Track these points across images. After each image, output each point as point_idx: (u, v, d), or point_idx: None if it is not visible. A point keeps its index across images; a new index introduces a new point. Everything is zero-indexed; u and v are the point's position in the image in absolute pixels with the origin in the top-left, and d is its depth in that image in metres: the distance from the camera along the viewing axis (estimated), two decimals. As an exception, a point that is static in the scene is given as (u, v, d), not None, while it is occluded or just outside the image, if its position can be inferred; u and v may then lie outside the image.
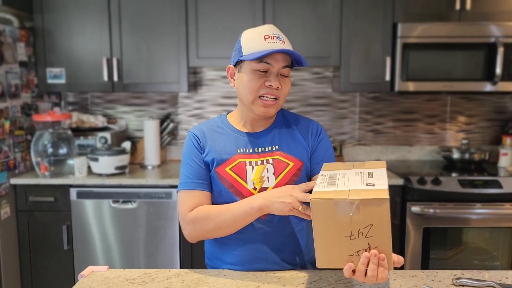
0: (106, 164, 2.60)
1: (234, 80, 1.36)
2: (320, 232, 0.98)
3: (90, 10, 2.72)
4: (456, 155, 2.87)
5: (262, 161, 1.32)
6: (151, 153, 2.88)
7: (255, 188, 1.29)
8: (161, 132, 3.05)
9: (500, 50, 2.56)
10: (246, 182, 1.29)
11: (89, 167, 2.68)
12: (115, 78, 2.75)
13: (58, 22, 2.74)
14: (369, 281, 0.98)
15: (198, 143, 1.36)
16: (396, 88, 2.68)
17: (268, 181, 1.30)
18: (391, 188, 2.51)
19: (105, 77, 2.75)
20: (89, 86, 2.80)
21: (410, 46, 2.64)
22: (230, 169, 1.31)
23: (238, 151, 1.33)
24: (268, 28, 1.29)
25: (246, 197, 1.28)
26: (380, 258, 0.97)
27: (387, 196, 0.94)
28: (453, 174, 2.62)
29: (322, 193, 1.00)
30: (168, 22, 2.72)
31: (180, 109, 3.16)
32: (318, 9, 2.69)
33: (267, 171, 1.30)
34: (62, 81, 2.78)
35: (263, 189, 1.29)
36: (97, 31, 2.73)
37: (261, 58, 1.25)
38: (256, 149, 1.34)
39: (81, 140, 2.86)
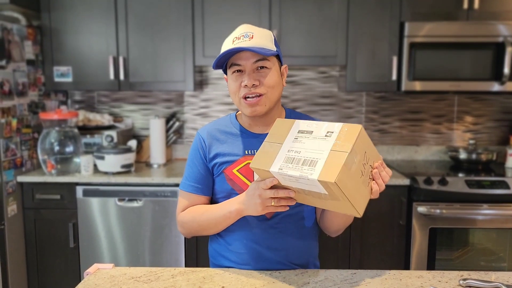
0: (112, 162, 2.61)
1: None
2: (350, 193, 1.02)
3: (97, 9, 2.73)
4: (463, 155, 2.85)
5: None
6: (157, 151, 2.88)
7: None
8: (167, 130, 3.05)
9: (509, 50, 2.54)
10: None
11: (95, 165, 2.69)
12: (122, 76, 2.76)
13: (65, 20, 2.75)
14: (383, 185, 1.11)
15: (203, 147, 1.37)
16: (403, 88, 2.67)
17: None
18: (397, 188, 2.50)
19: (112, 76, 2.76)
20: (96, 85, 2.81)
21: (417, 46, 2.62)
22: (237, 170, 1.32)
23: (246, 152, 1.33)
24: (239, 29, 1.30)
25: None
26: (382, 165, 1.11)
27: (359, 126, 1.05)
28: (460, 175, 2.60)
29: (328, 168, 1.01)
30: (174, 21, 2.72)
31: (186, 108, 3.17)
32: (324, 8, 2.68)
33: None
34: (69, 79, 2.79)
35: None
36: (103, 30, 2.74)
37: (231, 61, 1.26)
38: None
39: (88, 139, 2.87)
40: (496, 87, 2.63)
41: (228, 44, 1.28)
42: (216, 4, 2.70)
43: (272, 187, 1.14)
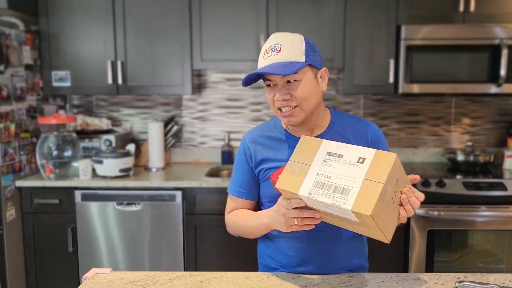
0: (110, 166, 2.61)
1: None
2: (382, 222, 1.02)
3: (95, 14, 2.74)
4: (460, 157, 2.86)
5: None
6: (155, 155, 2.89)
7: None
8: (166, 134, 3.06)
9: (505, 52, 2.55)
10: None
11: (93, 170, 2.69)
12: (120, 81, 2.77)
13: (63, 25, 2.76)
14: (412, 210, 1.10)
15: (247, 153, 1.40)
16: (400, 90, 2.68)
17: None
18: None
19: (110, 80, 2.77)
20: (94, 89, 2.82)
21: (414, 48, 2.64)
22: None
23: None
24: (270, 39, 1.29)
25: None
26: (410, 189, 1.10)
27: (394, 154, 1.04)
28: (458, 176, 2.61)
29: (363, 198, 1.00)
30: (172, 25, 2.73)
31: (184, 112, 3.17)
32: (321, 12, 2.69)
33: None
34: (67, 84, 2.80)
35: None
36: (101, 34, 2.75)
37: (264, 75, 1.28)
38: None
39: (86, 143, 2.88)
40: (493, 89, 2.64)
41: (260, 59, 1.29)
42: (213, 8, 2.71)
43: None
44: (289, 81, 1.25)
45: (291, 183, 1.11)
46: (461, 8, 2.63)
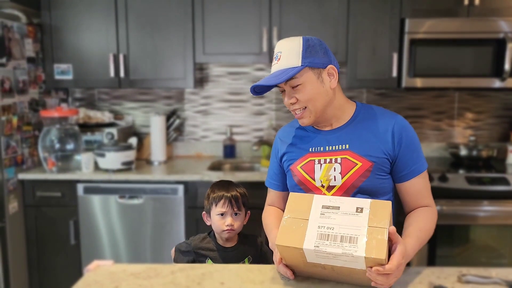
0: (112, 159, 2.61)
1: None
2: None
3: (97, 7, 2.73)
4: (463, 152, 2.85)
5: (330, 159, 1.33)
6: (157, 149, 2.89)
7: (323, 186, 1.33)
8: (168, 128, 3.05)
9: (509, 46, 2.53)
10: (314, 180, 1.34)
11: (96, 163, 2.69)
12: (122, 74, 2.76)
13: (65, 18, 2.75)
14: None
15: (277, 145, 1.49)
16: (403, 84, 2.66)
17: (335, 180, 1.31)
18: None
19: (112, 73, 2.76)
20: (96, 82, 2.82)
21: (417, 42, 2.62)
22: (301, 167, 1.37)
23: (310, 150, 1.38)
24: (275, 49, 1.34)
25: (315, 193, 1.30)
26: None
27: (389, 202, 1.10)
28: (460, 171, 2.60)
29: (372, 244, 1.02)
30: (175, 18, 2.72)
31: (187, 105, 3.17)
32: (324, 5, 2.68)
33: (334, 170, 1.31)
34: (69, 77, 2.79)
35: (330, 187, 1.32)
36: (103, 27, 2.74)
37: None
38: (327, 147, 1.35)
39: (88, 136, 2.88)
40: (496, 83, 2.62)
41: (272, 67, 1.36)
42: (216, 1, 2.70)
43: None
44: (291, 87, 1.30)
45: (292, 239, 1.08)
46: (466, 1, 2.61)
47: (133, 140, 2.79)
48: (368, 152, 1.31)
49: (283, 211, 1.43)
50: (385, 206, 1.08)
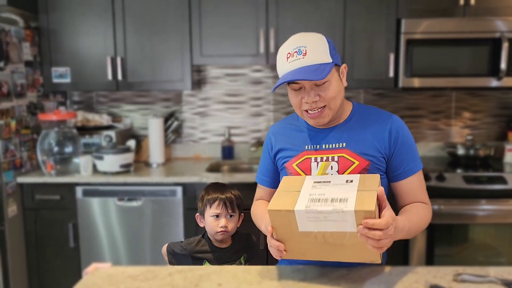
0: (111, 162, 2.62)
1: None
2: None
3: (94, 10, 2.74)
4: (461, 151, 2.86)
5: (327, 157, 1.32)
6: (155, 151, 2.89)
7: None
8: (166, 130, 3.06)
9: (505, 45, 2.54)
10: None
11: (94, 166, 2.70)
12: (120, 77, 2.77)
13: (63, 22, 2.76)
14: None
15: (270, 142, 1.46)
16: (400, 85, 2.67)
17: None
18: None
19: (110, 76, 2.77)
20: (94, 85, 2.82)
21: (414, 42, 2.63)
22: (296, 165, 1.36)
23: (306, 147, 1.36)
24: (292, 41, 1.27)
25: None
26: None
27: (377, 175, 1.18)
28: (458, 170, 2.61)
29: (362, 201, 1.05)
30: (172, 21, 2.73)
31: (185, 107, 3.18)
32: (321, 5, 2.69)
33: (331, 169, 1.31)
34: (67, 80, 2.80)
35: None
36: (101, 30, 2.75)
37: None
38: (324, 145, 1.35)
39: (87, 139, 2.88)
40: (493, 82, 2.63)
41: (282, 62, 1.27)
42: (213, 3, 2.71)
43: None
44: (316, 84, 1.25)
45: (284, 204, 1.11)
46: (462, 1, 2.62)
47: (131, 143, 2.80)
48: (365, 151, 1.31)
49: None
50: (374, 177, 1.14)
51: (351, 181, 1.13)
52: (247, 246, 1.61)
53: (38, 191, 2.61)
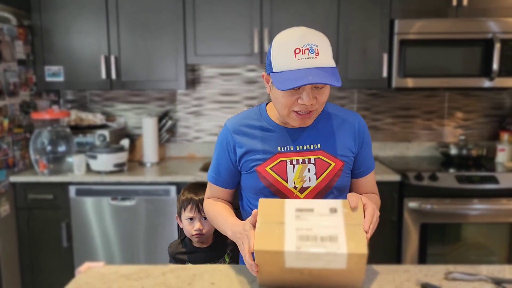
0: (104, 161, 2.61)
1: (269, 86, 1.27)
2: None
3: (88, 8, 2.72)
4: (453, 151, 2.88)
5: (303, 160, 1.29)
6: (149, 150, 2.89)
7: (295, 187, 1.29)
8: (160, 129, 3.06)
9: (497, 46, 2.57)
10: (287, 182, 1.28)
11: (87, 165, 2.69)
12: (113, 76, 2.76)
13: (56, 20, 2.75)
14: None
15: (230, 141, 1.34)
16: (393, 85, 2.69)
17: (309, 181, 1.29)
18: (389, 184, 2.52)
19: (103, 75, 2.76)
20: (88, 84, 2.81)
21: (407, 43, 2.64)
22: (270, 168, 1.29)
23: (279, 149, 1.30)
24: (300, 37, 1.16)
25: (287, 196, 1.29)
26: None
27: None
28: (451, 170, 2.63)
29: (353, 241, 1.04)
30: (166, 20, 2.72)
31: (179, 107, 3.17)
32: (315, 6, 2.69)
33: (309, 171, 1.28)
34: (61, 79, 2.79)
35: (303, 189, 1.29)
36: (95, 29, 2.74)
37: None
38: (297, 147, 1.30)
39: (80, 138, 2.87)
40: (486, 83, 2.66)
41: (289, 56, 1.15)
42: (207, 2, 2.70)
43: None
44: (315, 87, 1.19)
45: (271, 243, 1.04)
46: (454, 2, 2.64)
47: (125, 142, 2.79)
48: (340, 151, 1.31)
49: (231, 204, 1.42)
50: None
51: (335, 211, 1.09)
52: (230, 243, 1.56)
53: (31, 191, 2.60)
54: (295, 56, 1.15)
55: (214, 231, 1.56)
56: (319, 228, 1.06)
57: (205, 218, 1.52)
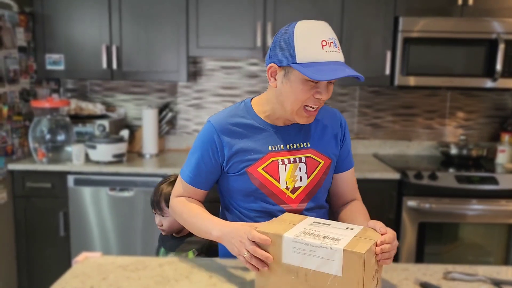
0: (104, 151, 2.60)
1: (276, 80, 1.20)
2: (365, 279, 0.97)
3: (90, -3, 2.70)
4: (454, 150, 2.87)
5: (294, 159, 1.27)
6: (149, 142, 2.88)
7: (287, 188, 1.26)
8: (160, 121, 3.04)
9: (501, 47, 2.55)
10: (279, 182, 1.26)
11: (86, 155, 2.68)
12: (114, 66, 2.74)
13: (58, 7, 2.72)
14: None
15: (215, 141, 1.26)
16: (396, 83, 2.67)
17: (301, 181, 1.27)
18: (388, 182, 2.52)
19: (104, 65, 2.74)
20: (88, 73, 2.79)
21: (411, 41, 2.63)
22: (262, 169, 1.25)
23: (270, 149, 1.26)
24: (322, 29, 1.14)
25: (279, 197, 1.26)
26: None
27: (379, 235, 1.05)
28: (450, 170, 2.62)
29: (354, 244, 0.98)
30: (169, 11, 2.70)
31: (179, 99, 3.16)
32: (319, 2, 2.67)
33: (300, 170, 1.27)
34: (61, 67, 2.77)
35: (295, 189, 1.27)
36: (96, 18, 2.72)
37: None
38: (288, 146, 1.28)
39: (79, 127, 2.86)
40: (488, 83, 2.65)
41: (316, 47, 1.12)
42: (211, -6, 2.69)
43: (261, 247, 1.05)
44: (329, 82, 1.18)
45: (274, 229, 1.06)
46: (460, 1, 2.62)
47: (124, 133, 2.78)
48: (327, 149, 1.32)
49: (202, 204, 1.36)
50: (377, 235, 1.05)
51: (352, 229, 1.07)
52: (199, 241, 1.54)
53: (29, 179, 2.59)
54: (323, 48, 1.12)
55: None
56: (326, 232, 1.04)
57: (163, 216, 1.59)
